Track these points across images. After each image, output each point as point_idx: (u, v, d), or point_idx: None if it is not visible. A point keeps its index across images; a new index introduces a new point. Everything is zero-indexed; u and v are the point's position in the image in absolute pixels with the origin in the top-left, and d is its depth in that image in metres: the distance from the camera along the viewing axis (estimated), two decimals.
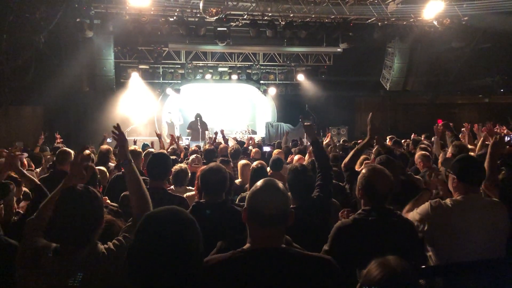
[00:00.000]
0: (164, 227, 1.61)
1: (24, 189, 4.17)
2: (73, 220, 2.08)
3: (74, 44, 12.06)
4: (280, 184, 1.99)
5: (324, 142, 8.12)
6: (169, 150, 7.89)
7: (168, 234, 1.59)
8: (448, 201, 3.02)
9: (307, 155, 6.38)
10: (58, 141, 8.91)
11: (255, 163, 5.08)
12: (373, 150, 4.90)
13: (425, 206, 3.02)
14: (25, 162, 6.42)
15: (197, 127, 13.80)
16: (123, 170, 2.65)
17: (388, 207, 2.72)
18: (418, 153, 5.65)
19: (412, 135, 9.39)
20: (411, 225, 2.80)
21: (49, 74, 11.97)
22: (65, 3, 10.30)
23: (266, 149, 9.66)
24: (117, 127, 2.73)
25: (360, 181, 2.80)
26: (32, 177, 3.59)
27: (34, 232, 2.24)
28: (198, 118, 14.12)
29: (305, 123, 4.21)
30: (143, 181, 2.51)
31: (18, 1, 10.00)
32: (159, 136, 8.61)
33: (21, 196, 4.17)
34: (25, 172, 3.69)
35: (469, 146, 5.55)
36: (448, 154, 4.80)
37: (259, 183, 2.00)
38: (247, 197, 2.00)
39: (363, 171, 2.84)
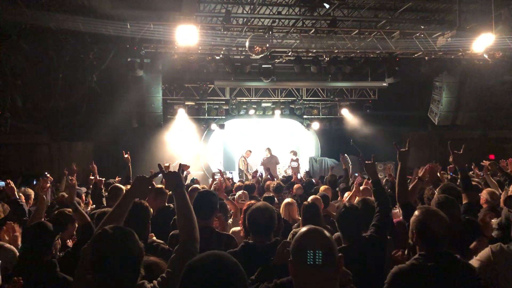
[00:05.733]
0: (207, 277, 1.58)
1: None
2: (110, 263, 2.00)
3: (124, 82, 12.49)
4: (327, 232, 1.96)
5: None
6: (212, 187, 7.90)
7: (212, 284, 1.57)
8: (510, 245, 2.84)
9: (354, 192, 6.21)
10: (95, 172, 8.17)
11: (309, 199, 5.01)
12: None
13: (485, 252, 2.86)
14: (83, 197, 6.50)
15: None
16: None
17: (447, 251, 2.56)
18: (485, 189, 5.33)
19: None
20: (473, 271, 2.60)
21: (101, 111, 12.46)
22: (117, 43, 10.79)
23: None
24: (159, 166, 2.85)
25: (413, 224, 2.68)
26: (85, 214, 3.61)
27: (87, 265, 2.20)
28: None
29: (366, 162, 4.01)
30: None
31: (73, 42, 10.59)
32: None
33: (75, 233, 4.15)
34: (80, 207, 3.73)
35: None
36: (510, 192, 4.55)
37: (304, 228, 2.00)
38: (293, 240, 1.99)
39: (416, 212, 2.73)
